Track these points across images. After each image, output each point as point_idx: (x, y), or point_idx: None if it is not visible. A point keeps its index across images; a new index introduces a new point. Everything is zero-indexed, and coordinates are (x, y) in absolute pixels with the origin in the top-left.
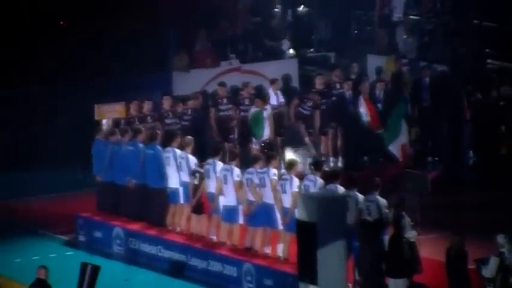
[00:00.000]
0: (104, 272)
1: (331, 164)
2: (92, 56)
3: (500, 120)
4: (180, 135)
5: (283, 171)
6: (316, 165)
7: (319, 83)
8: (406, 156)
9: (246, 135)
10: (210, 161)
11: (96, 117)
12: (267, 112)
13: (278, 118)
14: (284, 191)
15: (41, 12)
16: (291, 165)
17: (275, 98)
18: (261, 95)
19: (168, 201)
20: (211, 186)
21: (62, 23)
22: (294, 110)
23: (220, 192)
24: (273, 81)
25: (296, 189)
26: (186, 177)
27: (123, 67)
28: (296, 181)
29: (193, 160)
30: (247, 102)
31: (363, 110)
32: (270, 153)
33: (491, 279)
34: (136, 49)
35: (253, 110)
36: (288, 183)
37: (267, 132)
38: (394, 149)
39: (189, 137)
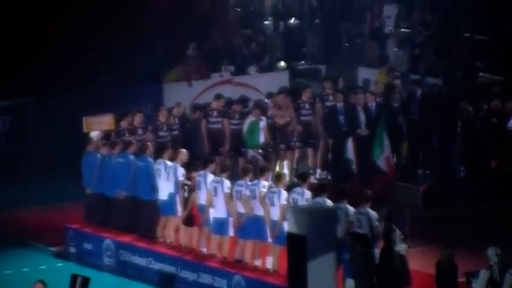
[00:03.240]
0: (94, 284)
1: (318, 176)
2: (81, 67)
3: (490, 133)
4: (171, 147)
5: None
6: (302, 177)
7: (306, 95)
8: (390, 167)
9: (237, 147)
10: (201, 172)
11: (84, 130)
12: (263, 123)
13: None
14: (272, 204)
15: (29, 23)
16: (278, 177)
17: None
18: (260, 105)
19: (159, 213)
20: (202, 198)
21: (50, 29)
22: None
23: (211, 204)
24: (270, 95)
25: (284, 202)
26: (172, 188)
27: (113, 79)
28: (284, 194)
29: (181, 171)
30: (237, 116)
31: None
32: (263, 165)
33: None
34: (126, 60)
35: (250, 119)
36: (276, 196)
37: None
38: (381, 162)
39: (183, 149)
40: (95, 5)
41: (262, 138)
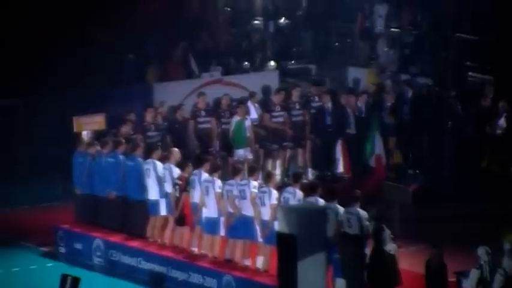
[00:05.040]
0: (84, 284)
1: (310, 176)
2: (71, 67)
3: (481, 133)
4: (161, 147)
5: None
6: (295, 177)
7: (295, 95)
8: (380, 166)
9: (228, 147)
10: (195, 171)
11: (75, 130)
12: (247, 122)
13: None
14: (263, 204)
15: (19, 25)
16: (269, 177)
17: (254, 111)
18: (242, 104)
19: (149, 213)
20: (195, 196)
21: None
22: (269, 122)
23: (203, 203)
24: (251, 95)
25: (275, 202)
26: (169, 189)
27: (104, 79)
28: (275, 193)
29: (176, 171)
30: (227, 114)
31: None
32: (252, 165)
33: None
34: (116, 61)
35: (236, 119)
36: (266, 196)
37: (248, 142)
38: (371, 161)
39: (175, 148)
40: (85, 6)
41: (248, 135)
